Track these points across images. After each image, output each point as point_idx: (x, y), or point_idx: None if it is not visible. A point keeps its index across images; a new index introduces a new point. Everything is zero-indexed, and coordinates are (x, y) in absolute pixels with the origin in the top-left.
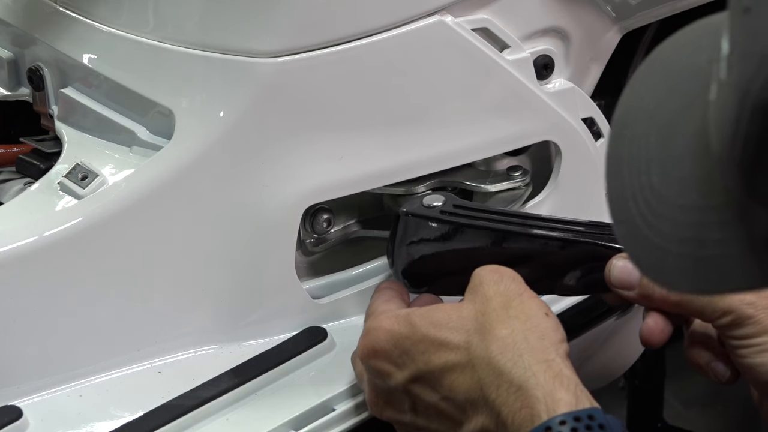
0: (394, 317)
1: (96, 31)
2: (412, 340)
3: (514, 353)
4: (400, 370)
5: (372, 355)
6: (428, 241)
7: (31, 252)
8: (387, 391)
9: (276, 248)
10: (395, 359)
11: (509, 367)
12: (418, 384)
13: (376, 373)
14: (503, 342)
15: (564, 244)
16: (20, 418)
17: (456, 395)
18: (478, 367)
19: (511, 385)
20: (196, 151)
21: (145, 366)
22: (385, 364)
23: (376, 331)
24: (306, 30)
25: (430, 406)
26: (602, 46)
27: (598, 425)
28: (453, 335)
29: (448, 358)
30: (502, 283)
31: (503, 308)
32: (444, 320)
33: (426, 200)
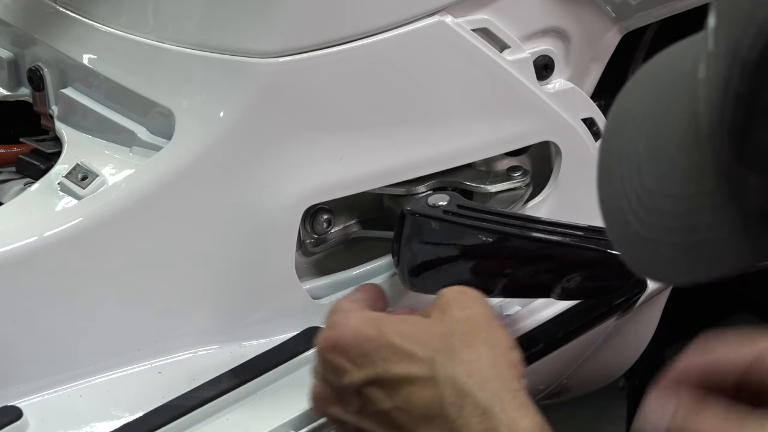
0: (362, 317)
1: (96, 31)
2: (375, 344)
3: (480, 377)
4: (358, 370)
5: (332, 349)
6: (433, 240)
7: (31, 252)
8: (338, 388)
9: (276, 248)
10: (355, 358)
11: (475, 390)
12: (373, 388)
13: (331, 367)
14: (470, 365)
15: (564, 247)
16: (20, 418)
17: (412, 408)
18: (441, 384)
19: (476, 408)
20: (196, 151)
21: (145, 366)
22: (343, 360)
23: (342, 327)
24: (306, 30)
25: (380, 413)
26: (602, 46)
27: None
28: (418, 349)
29: (411, 369)
30: (472, 308)
31: (472, 333)
32: (411, 333)
33: (431, 200)
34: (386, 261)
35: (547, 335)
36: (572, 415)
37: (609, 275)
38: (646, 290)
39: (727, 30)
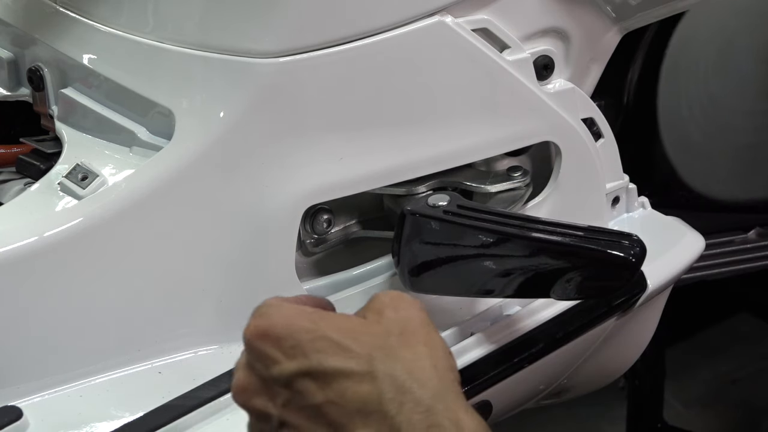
0: (296, 309)
1: (96, 32)
2: (310, 336)
3: (420, 375)
4: (289, 361)
5: (261, 337)
6: (433, 240)
7: (31, 252)
8: (265, 378)
9: (276, 248)
10: (286, 349)
11: (415, 387)
12: (304, 380)
13: (259, 356)
14: (409, 364)
15: (564, 247)
16: (20, 418)
17: (346, 403)
18: (379, 380)
19: (418, 405)
20: (196, 151)
21: (145, 366)
22: (273, 350)
23: (273, 316)
24: (306, 30)
25: (310, 406)
26: (602, 47)
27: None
28: (355, 345)
29: (346, 364)
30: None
31: (409, 333)
32: (348, 328)
33: (431, 200)
34: (386, 261)
35: (547, 335)
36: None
37: (609, 275)
38: (646, 290)
39: None
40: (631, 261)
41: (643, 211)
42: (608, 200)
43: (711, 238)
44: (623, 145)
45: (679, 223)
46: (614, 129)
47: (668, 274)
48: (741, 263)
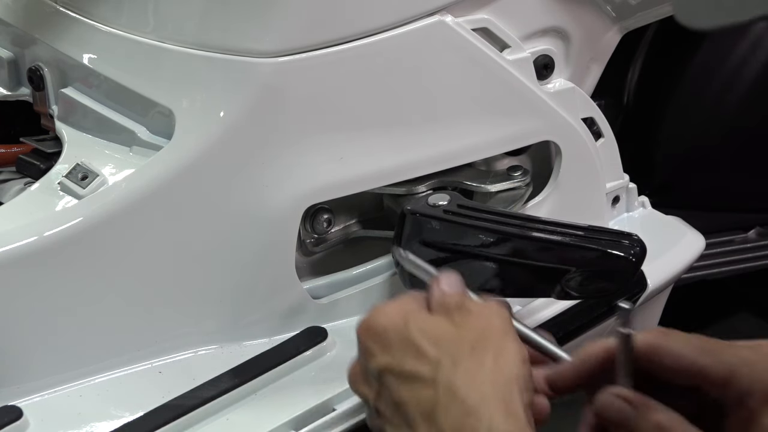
0: (398, 307)
1: (96, 31)
2: (399, 336)
3: (476, 384)
4: (381, 356)
5: (366, 332)
6: (434, 240)
7: (31, 252)
8: (366, 368)
9: (276, 248)
10: (382, 344)
11: (465, 393)
12: (389, 376)
13: (363, 348)
14: (470, 374)
15: (564, 247)
16: (20, 418)
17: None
18: (438, 387)
19: (462, 406)
20: (196, 151)
21: (145, 366)
22: (372, 344)
23: (380, 313)
24: (306, 30)
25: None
26: (602, 46)
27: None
28: (431, 349)
29: (418, 368)
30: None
31: (482, 343)
32: (431, 330)
33: (431, 199)
34: (386, 261)
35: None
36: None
37: (609, 275)
38: (646, 290)
39: None
40: (631, 260)
41: (643, 210)
42: (608, 200)
43: (711, 238)
44: (623, 145)
45: (679, 223)
46: (614, 129)
47: (668, 274)
48: (741, 263)
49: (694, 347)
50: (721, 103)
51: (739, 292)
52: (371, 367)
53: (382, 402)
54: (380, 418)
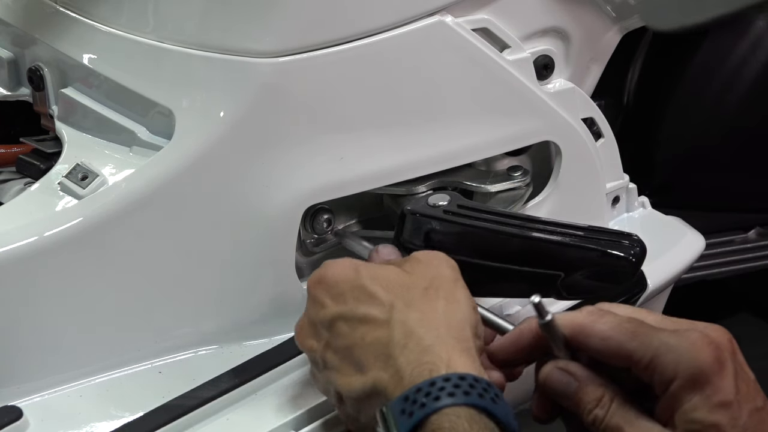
0: (349, 262)
1: (96, 31)
2: (351, 284)
3: (431, 325)
4: (333, 305)
5: (317, 284)
6: (433, 239)
7: (31, 252)
8: (316, 320)
9: (276, 248)
10: (334, 295)
11: (422, 332)
12: (341, 323)
13: (314, 301)
14: (424, 315)
15: (564, 247)
16: (20, 418)
17: (365, 345)
18: (392, 326)
19: (419, 345)
20: (197, 151)
21: (145, 366)
22: (324, 295)
23: (330, 266)
24: (306, 30)
25: (341, 348)
26: (602, 46)
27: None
28: (382, 293)
29: (370, 311)
30: (439, 268)
31: (434, 288)
32: (382, 277)
33: (431, 199)
34: None
35: None
36: None
37: (609, 275)
38: (646, 290)
39: None
40: (632, 261)
41: (643, 211)
42: (608, 200)
43: (711, 238)
44: (623, 145)
45: (679, 223)
46: (614, 129)
47: (668, 274)
48: (741, 263)
49: (622, 330)
50: (721, 103)
51: (739, 292)
52: (322, 317)
53: (330, 351)
54: (326, 370)
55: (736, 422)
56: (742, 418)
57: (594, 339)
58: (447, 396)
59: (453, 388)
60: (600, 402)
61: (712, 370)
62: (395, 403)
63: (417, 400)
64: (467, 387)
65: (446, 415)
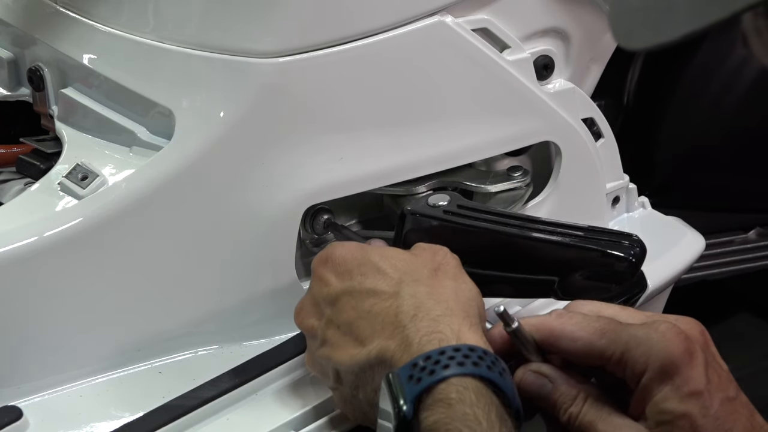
0: (357, 243)
1: (96, 32)
2: (358, 261)
3: (439, 299)
4: (339, 282)
5: (323, 263)
6: (433, 240)
7: (31, 252)
8: (319, 298)
9: (276, 248)
10: (340, 272)
11: (431, 305)
12: (345, 298)
13: (318, 279)
14: (432, 289)
15: (564, 247)
16: (20, 418)
17: (371, 317)
18: (401, 298)
19: (428, 315)
20: (197, 151)
21: (145, 366)
22: (329, 273)
23: (337, 246)
24: (306, 30)
25: (344, 323)
26: (602, 46)
27: (492, 360)
28: (391, 270)
29: (378, 285)
30: (446, 257)
31: (441, 271)
32: (391, 256)
33: (431, 199)
34: None
35: None
36: None
37: (609, 275)
38: (646, 290)
39: None
40: (631, 261)
41: (643, 211)
42: (608, 200)
43: (711, 238)
44: (623, 145)
45: (679, 223)
46: (614, 129)
47: (668, 274)
48: (741, 263)
49: (591, 329)
50: (721, 104)
51: (739, 292)
52: (326, 294)
53: (331, 328)
54: (325, 347)
55: (707, 411)
56: (714, 407)
57: (564, 341)
58: (456, 365)
59: (463, 358)
60: (574, 401)
61: (681, 360)
62: (403, 369)
63: (426, 366)
64: (476, 358)
65: (453, 385)
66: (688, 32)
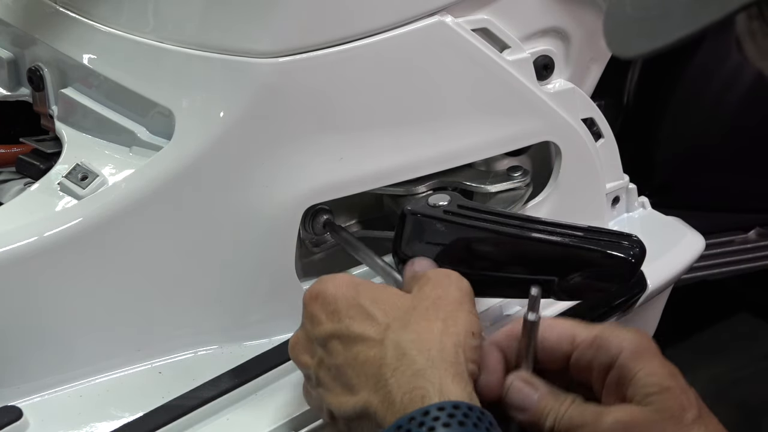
0: (349, 279)
1: (96, 32)
2: (349, 303)
3: (423, 347)
4: (329, 323)
5: (314, 300)
6: (434, 240)
7: (31, 252)
8: (310, 337)
9: (276, 248)
10: (329, 312)
11: (414, 354)
12: (335, 341)
13: (310, 316)
14: (418, 335)
15: (564, 247)
16: (20, 418)
17: (356, 364)
18: (386, 347)
19: (409, 369)
20: (196, 151)
21: (145, 366)
22: (320, 311)
23: (328, 282)
24: (306, 30)
25: (334, 366)
26: (602, 46)
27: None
28: (380, 315)
29: (366, 330)
30: (446, 289)
31: (434, 310)
32: (381, 299)
33: (431, 199)
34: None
35: None
36: None
37: (608, 275)
38: (646, 290)
39: None
40: (631, 261)
41: (643, 211)
42: (608, 200)
43: (711, 238)
44: (623, 145)
45: (679, 223)
46: (614, 129)
47: (668, 274)
48: (741, 263)
49: (571, 323)
50: (721, 103)
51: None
52: (317, 334)
53: (323, 369)
54: (319, 387)
55: (688, 389)
56: (691, 389)
57: (551, 333)
58: (442, 426)
59: (448, 418)
60: (561, 405)
61: (654, 349)
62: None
63: (411, 430)
64: (461, 417)
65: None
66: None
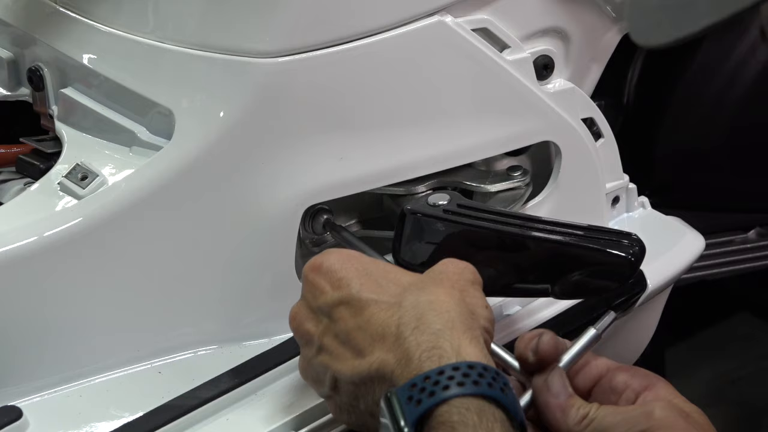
0: (352, 252)
1: (96, 32)
2: (357, 272)
3: (442, 310)
4: (334, 291)
5: (316, 270)
6: (434, 240)
7: (31, 252)
8: (314, 307)
9: (276, 248)
10: (334, 281)
11: (432, 316)
12: (342, 308)
13: (311, 287)
14: (437, 300)
15: (564, 247)
16: (20, 418)
17: (370, 327)
18: (403, 308)
19: (429, 329)
20: (196, 151)
21: (145, 366)
22: (323, 281)
23: (331, 253)
24: (305, 30)
25: (342, 332)
26: (602, 46)
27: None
28: (392, 287)
29: (379, 296)
30: (460, 272)
31: (448, 281)
32: (392, 273)
33: (431, 199)
34: None
35: None
36: None
37: (608, 275)
38: (646, 290)
39: None
40: (631, 260)
41: (643, 211)
42: (608, 200)
43: (711, 238)
44: (623, 145)
45: (679, 223)
46: (614, 129)
47: (668, 274)
48: (741, 263)
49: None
50: (721, 103)
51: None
52: (320, 303)
53: (329, 336)
54: (323, 355)
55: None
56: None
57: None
58: (456, 385)
59: (462, 377)
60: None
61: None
62: (402, 390)
63: (425, 387)
64: (476, 376)
65: (455, 406)
66: (709, 25)
